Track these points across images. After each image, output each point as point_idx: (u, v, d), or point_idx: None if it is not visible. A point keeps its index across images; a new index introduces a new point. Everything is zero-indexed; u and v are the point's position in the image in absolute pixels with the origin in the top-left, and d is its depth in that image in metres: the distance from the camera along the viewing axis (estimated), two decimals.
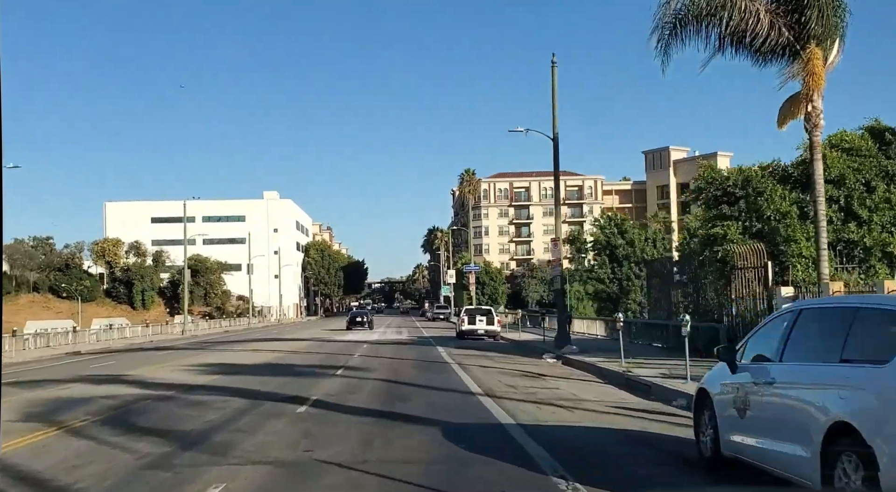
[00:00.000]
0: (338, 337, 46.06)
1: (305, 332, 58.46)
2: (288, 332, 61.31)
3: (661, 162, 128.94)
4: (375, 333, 50.18)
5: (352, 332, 51.82)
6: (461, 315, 42.23)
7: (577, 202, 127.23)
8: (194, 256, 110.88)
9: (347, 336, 46.96)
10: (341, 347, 35.24)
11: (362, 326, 57.72)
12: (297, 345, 37.90)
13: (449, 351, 30.93)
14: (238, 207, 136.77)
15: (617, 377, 19.44)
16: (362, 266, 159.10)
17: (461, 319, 40.89)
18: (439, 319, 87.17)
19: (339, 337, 46.01)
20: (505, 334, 42.28)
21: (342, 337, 45.93)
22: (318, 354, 29.39)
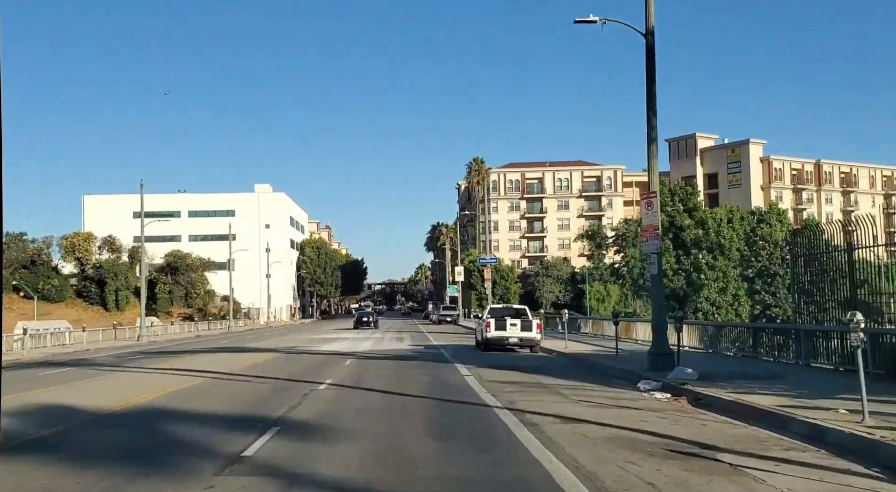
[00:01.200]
0: (318, 347, 34.48)
1: (285, 338, 46.99)
2: (265, 337, 49.87)
3: (686, 151, 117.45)
4: (369, 341, 38.66)
5: (337, 341, 39.84)
6: (484, 317, 30.50)
7: (594, 194, 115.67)
8: (174, 253, 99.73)
9: (332, 345, 35.40)
10: (311, 365, 23.53)
11: (368, 325, 62.31)
12: (254, 360, 26.27)
13: (477, 373, 19.33)
14: (227, 201, 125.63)
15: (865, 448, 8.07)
16: (361, 265, 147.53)
17: (485, 323, 29.03)
18: (446, 322, 75.61)
19: (320, 347, 34.43)
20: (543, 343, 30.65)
21: (323, 347, 34.37)
22: (261, 384, 17.52)
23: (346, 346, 34.55)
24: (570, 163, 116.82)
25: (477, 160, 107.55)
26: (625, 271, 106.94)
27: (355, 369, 21.19)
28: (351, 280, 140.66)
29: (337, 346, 34.60)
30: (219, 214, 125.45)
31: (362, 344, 35.83)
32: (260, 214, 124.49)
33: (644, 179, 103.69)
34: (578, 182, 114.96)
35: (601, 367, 20.98)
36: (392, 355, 27.58)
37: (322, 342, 38.47)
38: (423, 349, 31.38)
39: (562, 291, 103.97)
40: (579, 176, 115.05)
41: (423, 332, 53.67)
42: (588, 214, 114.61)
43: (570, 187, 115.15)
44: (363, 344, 35.81)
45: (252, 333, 66.25)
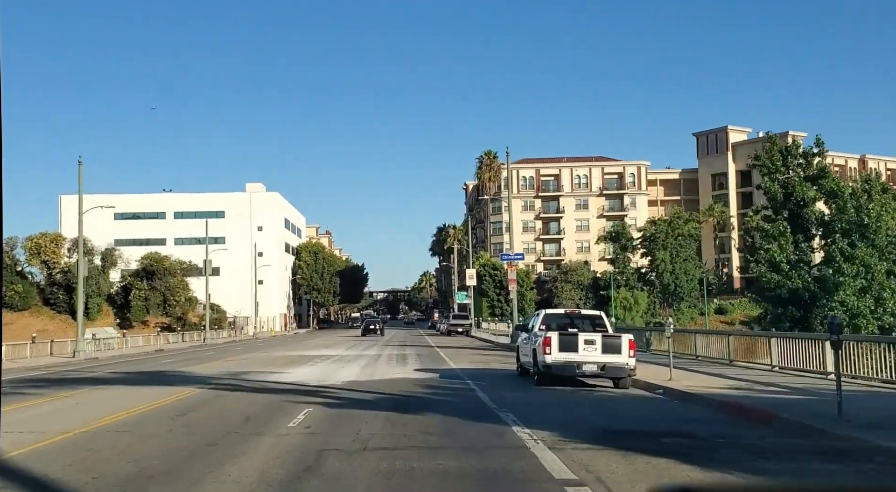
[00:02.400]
0: (282, 372, 22.88)
1: (252, 356, 35.59)
2: (233, 354, 38.54)
3: (716, 146, 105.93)
4: (359, 362, 27.13)
5: (314, 362, 27.79)
6: (535, 328, 18.80)
7: (616, 193, 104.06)
8: (150, 255, 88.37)
9: (302, 370, 23.81)
10: (226, 425, 11.72)
11: (375, 332, 64.91)
12: (170, 397, 14.83)
13: (582, 463, 7.80)
14: (215, 201, 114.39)
15: None
16: (361, 271, 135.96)
17: (543, 340, 17.15)
18: (457, 333, 63.96)
19: (285, 372, 22.86)
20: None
21: (289, 372, 22.81)
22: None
23: (322, 371, 23.04)
24: (589, 158, 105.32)
25: (489, 154, 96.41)
26: (653, 277, 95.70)
27: (302, 447, 9.50)
28: (350, 287, 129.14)
29: (308, 372, 23.02)
30: (207, 216, 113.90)
31: (348, 368, 24.32)
32: (251, 215, 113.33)
33: (673, 176, 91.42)
34: (598, 179, 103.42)
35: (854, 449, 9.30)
36: (389, 395, 15.94)
37: (294, 364, 26.93)
38: (439, 380, 19.74)
39: (582, 299, 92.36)
40: (599, 172, 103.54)
41: (431, 346, 42.18)
42: (609, 214, 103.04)
43: (589, 185, 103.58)
44: (349, 368, 24.30)
45: (226, 346, 54.78)
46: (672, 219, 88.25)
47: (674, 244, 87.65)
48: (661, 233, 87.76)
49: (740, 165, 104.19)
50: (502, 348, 39.42)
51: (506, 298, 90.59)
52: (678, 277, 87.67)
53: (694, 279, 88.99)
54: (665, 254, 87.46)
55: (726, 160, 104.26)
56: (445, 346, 41.89)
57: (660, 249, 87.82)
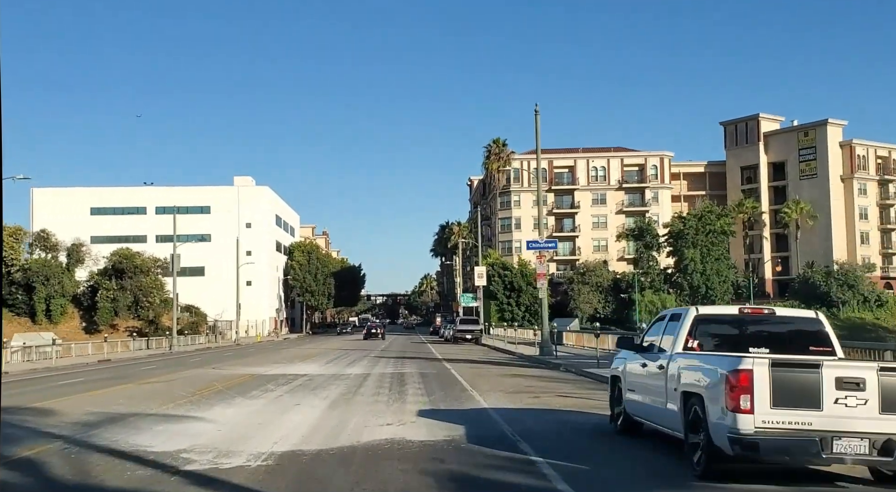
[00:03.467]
0: (178, 420, 12.68)
1: (198, 373, 25.53)
2: (172, 369, 28.49)
3: (746, 136, 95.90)
4: (324, 395, 16.59)
5: (261, 395, 17.57)
6: (675, 342, 8.75)
7: (636, 186, 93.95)
8: (120, 252, 78.14)
9: (220, 413, 13.49)
10: None
11: (376, 337, 64.90)
12: None
13: None
14: (200, 195, 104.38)
15: None
16: (358, 272, 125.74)
17: (735, 379, 6.95)
18: (464, 341, 53.51)
19: (183, 419, 12.64)
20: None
21: (190, 419, 12.58)
22: None
23: (253, 416, 12.76)
24: (606, 149, 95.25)
25: (497, 142, 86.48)
26: (680, 278, 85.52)
27: None
28: (347, 289, 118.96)
29: (229, 419, 12.57)
30: (191, 211, 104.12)
31: (305, 405, 14.01)
32: (239, 210, 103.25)
33: (698, 169, 79.91)
34: (617, 171, 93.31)
35: None
36: None
37: (224, 396, 16.59)
38: (471, 453, 9.33)
39: (601, 302, 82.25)
40: (618, 164, 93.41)
41: (437, 358, 32.07)
42: (629, 210, 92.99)
43: (607, 177, 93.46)
44: (307, 406, 13.95)
45: (185, 357, 44.58)
46: (702, 213, 78.20)
47: (704, 241, 77.58)
48: (689, 229, 77.68)
49: (773, 156, 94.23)
50: (531, 363, 29.30)
51: (517, 301, 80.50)
52: (709, 279, 77.55)
53: (727, 281, 78.90)
54: (695, 252, 77.33)
55: (757, 151, 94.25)
56: (456, 359, 31.76)
57: (689, 247, 77.72)
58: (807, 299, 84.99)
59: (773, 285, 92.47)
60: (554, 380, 20.47)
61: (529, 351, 36.28)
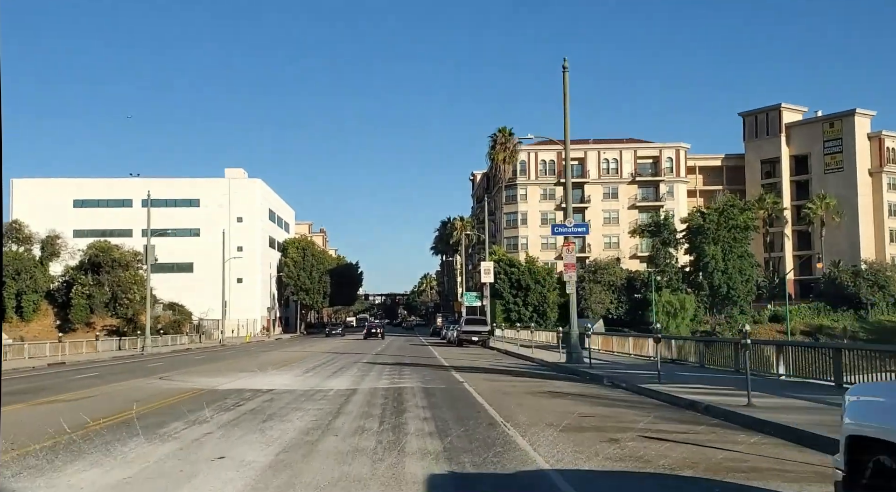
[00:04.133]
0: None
1: (132, 386, 19.66)
2: (109, 380, 22.59)
3: (767, 127, 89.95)
4: (284, 430, 10.68)
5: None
6: None
7: (650, 180, 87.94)
8: (96, 245, 72.08)
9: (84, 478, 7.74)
10: None
11: (376, 337, 66.19)
12: None
13: None
14: (190, 187, 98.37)
15: None
16: (355, 270, 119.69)
17: None
18: (470, 344, 47.35)
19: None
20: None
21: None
22: None
23: (131, 485, 6.86)
24: (619, 140, 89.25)
25: (503, 131, 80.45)
26: (699, 277, 79.51)
27: None
28: (343, 287, 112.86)
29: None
30: (180, 204, 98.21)
31: (228, 474, 8.02)
32: (231, 203, 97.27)
33: (715, 163, 71.98)
34: (630, 164, 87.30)
35: None
36: None
37: (137, 429, 10.70)
38: None
39: (614, 302, 76.27)
40: (631, 156, 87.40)
41: (444, 367, 26.12)
42: (642, 205, 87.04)
43: (619, 170, 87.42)
44: (230, 475, 7.97)
45: (154, 359, 38.58)
46: (724, 207, 72.16)
47: (726, 237, 71.58)
48: (710, 224, 71.67)
49: (795, 149, 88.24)
50: (561, 373, 23.34)
51: (524, 300, 74.41)
52: (731, 278, 71.54)
53: (750, 280, 72.91)
54: (716, 249, 71.30)
55: (778, 144, 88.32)
56: (466, 366, 25.78)
57: (709, 244, 71.69)
58: (833, 301, 79.15)
59: (794, 286, 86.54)
60: (612, 403, 14.50)
61: (551, 357, 30.39)
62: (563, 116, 27.35)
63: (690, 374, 20.65)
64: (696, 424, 11.35)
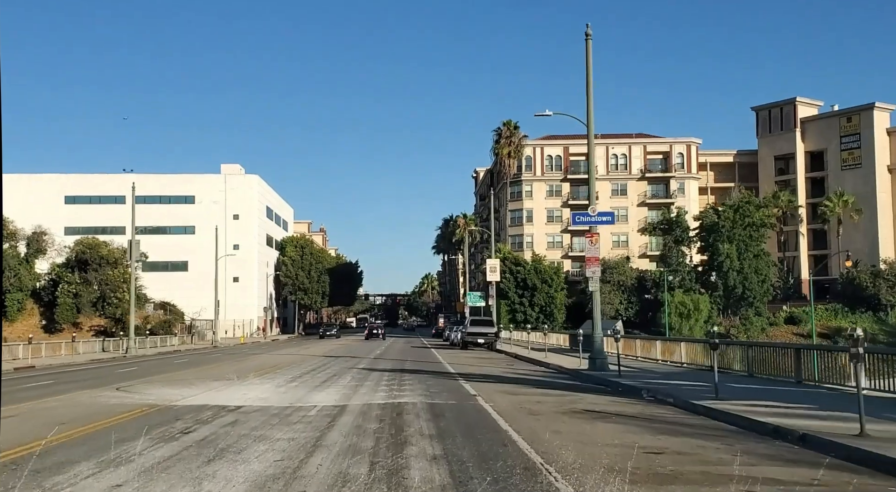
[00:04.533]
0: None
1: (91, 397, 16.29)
2: (53, 392, 19.20)
3: (781, 122, 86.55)
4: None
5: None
6: None
7: (660, 176, 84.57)
8: (84, 241, 68.88)
9: None
10: None
11: (377, 337, 67.72)
12: None
13: None
14: (185, 184, 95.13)
15: None
16: (355, 269, 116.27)
17: None
18: (475, 346, 44.02)
19: None
20: None
21: None
22: None
23: None
24: (627, 135, 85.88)
25: (508, 125, 77.16)
26: (713, 277, 76.10)
27: None
28: (343, 287, 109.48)
29: None
30: (175, 201, 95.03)
31: None
32: (227, 200, 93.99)
33: (726, 159, 67.26)
34: (640, 160, 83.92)
35: None
36: None
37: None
38: None
39: (623, 303, 72.87)
40: (640, 151, 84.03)
41: (450, 374, 22.76)
42: (652, 202, 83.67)
43: (628, 166, 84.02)
44: None
45: (132, 363, 35.26)
46: (740, 204, 68.78)
47: (742, 235, 68.19)
48: (726, 221, 68.29)
49: (811, 144, 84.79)
50: (587, 383, 19.98)
51: (530, 300, 70.96)
52: (746, 278, 68.14)
53: (766, 280, 69.51)
54: (731, 248, 67.90)
55: (793, 139, 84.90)
56: (476, 374, 22.39)
57: (724, 242, 68.31)
58: (851, 302, 75.78)
59: (810, 286, 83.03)
60: (674, 429, 11.12)
61: (569, 362, 27.03)
62: (586, 88, 24.01)
63: (744, 386, 17.25)
64: (813, 466, 7.99)
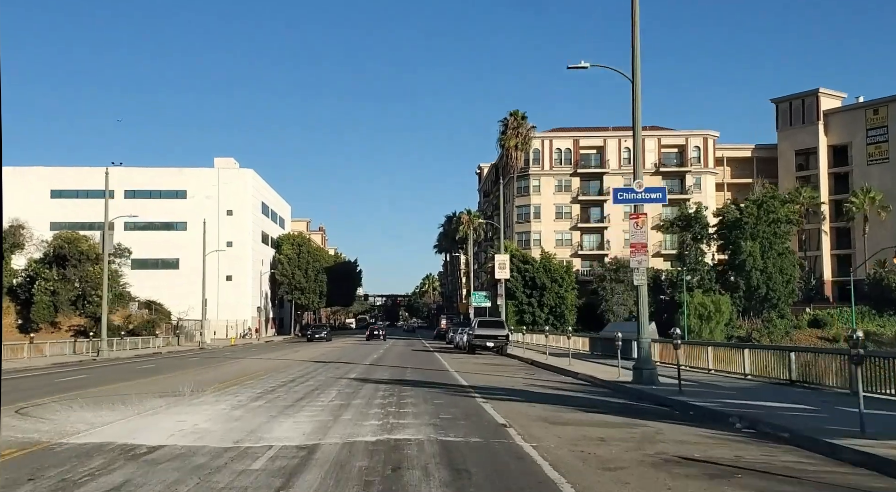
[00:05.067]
0: None
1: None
2: None
3: (803, 115, 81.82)
4: None
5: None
6: None
7: (676, 170, 79.85)
8: (63, 235, 64.17)
9: None
10: None
11: (378, 338, 67.48)
12: None
13: None
14: (176, 178, 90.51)
15: None
16: (354, 268, 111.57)
17: None
18: (484, 350, 39.18)
19: None
20: None
21: None
22: None
23: None
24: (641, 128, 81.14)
25: (516, 115, 72.42)
26: (734, 276, 71.38)
27: None
28: (341, 287, 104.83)
29: None
30: (165, 195, 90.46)
31: None
32: (220, 195, 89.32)
33: (744, 153, 60.83)
34: (653, 153, 79.19)
35: None
36: None
37: None
38: None
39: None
40: (654, 145, 79.30)
41: (462, 387, 18.04)
42: (667, 197, 78.90)
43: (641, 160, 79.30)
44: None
45: (90, 369, 30.54)
46: (763, 199, 64.03)
47: (766, 232, 63.43)
48: (749, 217, 63.55)
49: (834, 138, 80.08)
50: (642, 402, 15.30)
51: (539, 300, 66.24)
52: (770, 277, 63.35)
53: (792, 280, 64.76)
54: (754, 245, 63.11)
55: (816, 133, 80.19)
56: (497, 391, 17.59)
57: (746, 240, 63.54)
58: (879, 304, 71.00)
59: (832, 288, 78.44)
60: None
61: (601, 372, 22.40)
62: (632, 30, 19.22)
63: (871, 411, 12.43)
64: None
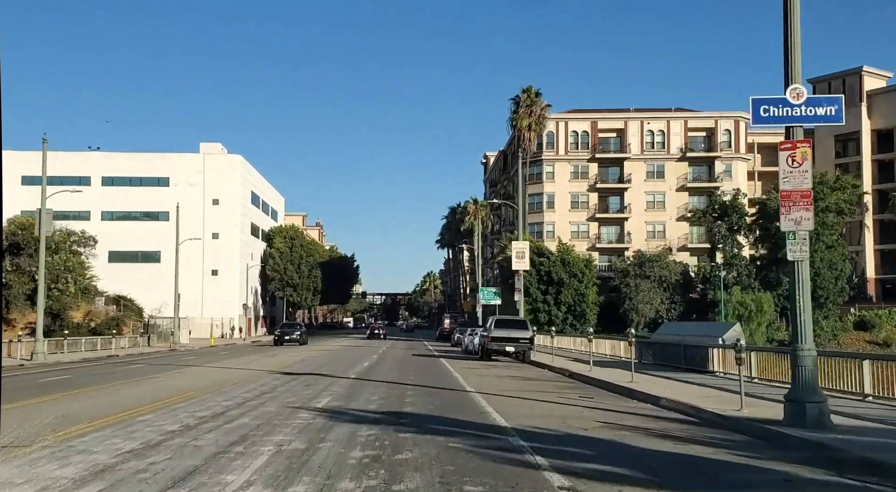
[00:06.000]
0: None
1: None
2: None
3: (843, 96, 74.19)
4: None
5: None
6: None
7: (703, 156, 72.41)
8: (15, 221, 56.90)
9: None
10: None
11: (378, 338, 66.30)
12: None
13: None
14: (158, 164, 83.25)
15: None
16: (350, 264, 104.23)
17: None
18: (502, 355, 31.70)
19: None
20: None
21: None
22: None
23: None
24: (665, 109, 73.92)
25: (529, 91, 65.01)
26: (776, 272, 63.89)
27: None
28: (337, 283, 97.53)
29: None
30: (146, 183, 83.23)
31: None
32: (206, 183, 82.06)
33: (776, 139, 50.75)
34: (679, 137, 71.86)
35: None
36: None
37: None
38: None
39: (664, 303, 60.79)
40: (680, 127, 71.95)
41: (500, 430, 10.72)
42: (693, 186, 71.57)
43: (665, 145, 71.91)
44: None
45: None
46: (812, 184, 56.61)
47: (814, 222, 55.99)
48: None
49: (878, 122, 72.82)
50: (849, 479, 7.66)
51: (555, 298, 58.72)
52: (818, 273, 56.02)
53: (842, 276, 57.44)
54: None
55: (858, 116, 72.99)
56: (558, 438, 10.20)
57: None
58: None
59: (876, 286, 71.14)
60: None
61: (694, 397, 14.90)
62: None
63: None
64: None
